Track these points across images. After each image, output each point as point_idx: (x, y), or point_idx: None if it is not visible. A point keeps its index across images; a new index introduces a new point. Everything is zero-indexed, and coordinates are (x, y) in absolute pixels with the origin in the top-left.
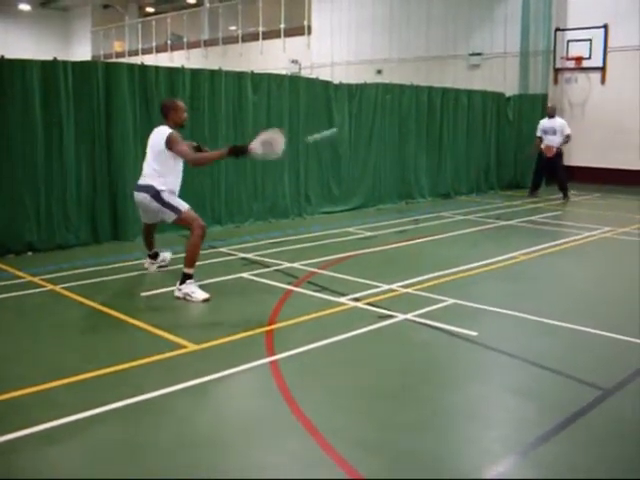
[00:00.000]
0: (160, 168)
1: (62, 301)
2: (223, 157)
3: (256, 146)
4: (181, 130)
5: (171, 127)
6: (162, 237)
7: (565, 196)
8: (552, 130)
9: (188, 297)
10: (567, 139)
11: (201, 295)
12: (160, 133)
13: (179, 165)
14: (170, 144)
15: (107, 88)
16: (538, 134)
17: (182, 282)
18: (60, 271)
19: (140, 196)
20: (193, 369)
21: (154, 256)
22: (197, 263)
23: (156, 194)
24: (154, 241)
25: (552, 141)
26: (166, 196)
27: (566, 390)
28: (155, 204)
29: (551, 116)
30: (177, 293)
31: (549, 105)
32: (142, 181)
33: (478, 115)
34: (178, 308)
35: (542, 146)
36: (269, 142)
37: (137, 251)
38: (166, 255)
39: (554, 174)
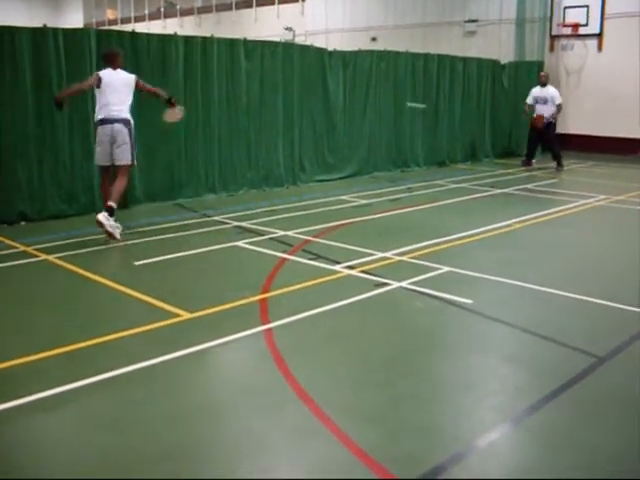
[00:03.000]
0: (129, 104)
1: (56, 271)
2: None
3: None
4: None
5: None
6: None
7: (559, 164)
8: (543, 99)
9: (111, 229)
10: (559, 108)
11: (117, 232)
12: (126, 74)
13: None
14: (141, 83)
15: (98, 56)
16: (529, 102)
17: (111, 214)
18: (54, 241)
19: (119, 128)
20: (187, 338)
21: (111, 211)
22: (189, 232)
23: (131, 128)
24: (110, 189)
25: (543, 110)
26: (133, 134)
27: (561, 358)
28: (128, 138)
29: (543, 84)
30: (104, 220)
31: (542, 73)
32: (119, 114)
33: (473, 82)
34: (172, 277)
35: (534, 116)
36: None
37: (132, 219)
38: (119, 225)
39: (546, 143)
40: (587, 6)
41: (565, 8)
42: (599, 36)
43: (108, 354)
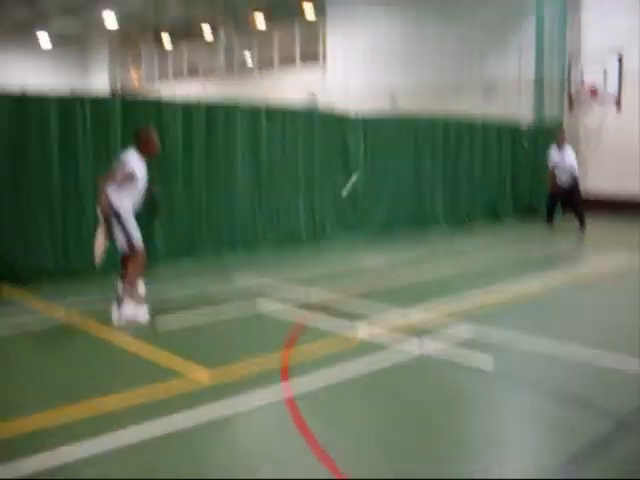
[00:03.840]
0: (122, 191)
1: (77, 328)
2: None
3: None
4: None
5: (143, 155)
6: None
7: (582, 225)
8: (563, 164)
9: (133, 319)
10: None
11: (143, 314)
12: (128, 155)
13: (138, 193)
14: (122, 173)
15: (123, 122)
16: (550, 165)
17: (120, 305)
18: (74, 297)
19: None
20: (208, 403)
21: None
22: (210, 291)
23: (117, 215)
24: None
25: (563, 173)
26: (126, 220)
27: (585, 421)
28: (116, 223)
29: (560, 144)
30: (116, 316)
31: (558, 135)
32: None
33: (493, 143)
34: (192, 340)
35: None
36: None
37: (154, 278)
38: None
39: (571, 202)
40: (605, 67)
41: (583, 69)
42: (617, 96)
43: (129, 417)
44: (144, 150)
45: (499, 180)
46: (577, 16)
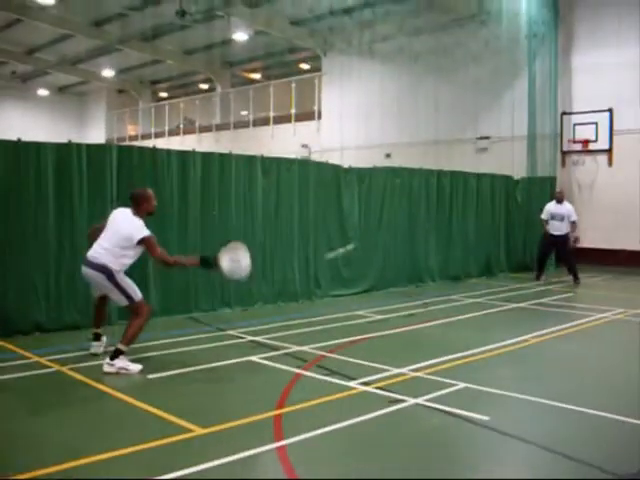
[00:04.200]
0: (120, 252)
1: (69, 382)
2: (193, 265)
3: (224, 261)
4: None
5: (141, 216)
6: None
7: (576, 279)
8: (560, 216)
9: (123, 371)
10: (574, 226)
11: (136, 367)
12: (133, 225)
13: (138, 254)
14: (148, 247)
15: (119, 170)
16: (544, 217)
17: (114, 357)
18: (68, 352)
19: (92, 273)
20: (200, 454)
21: (98, 337)
22: (204, 346)
23: (111, 275)
24: (105, 315)
25: (559, 227)
26: (120, 278)
27: (577, 476)
28: (107, 284)
29: (559, 201)
30: (108, 368)
31: (557, 190)
32: (95, 258)
33: (487, 198)
34: (185, 391)
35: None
36: (236, 260)
37: (147, 332)
38: (104, 338)
39: (563, 257)
40: (596, 123)
41: (575, 125)
42: (609, 151)
43: (120, 469)
44: (141, 210)
45: (493, 235)
46: (568, 73)
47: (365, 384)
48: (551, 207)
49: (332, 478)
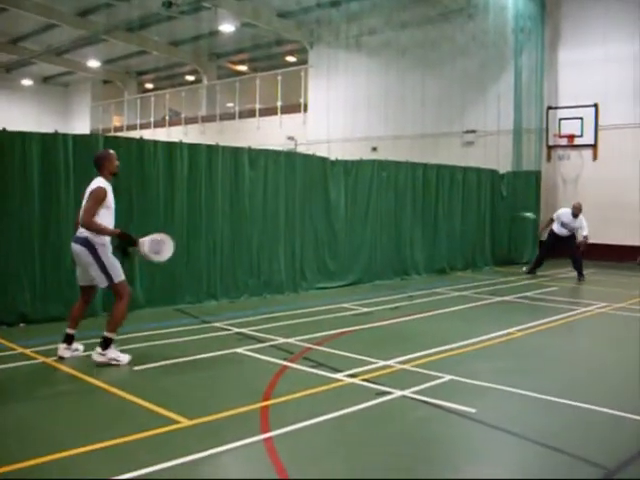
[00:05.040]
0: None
1: (54, 374)
2: (112, 235)
3: (144, 242)
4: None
5: (106, 178)
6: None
7: (580, 275)
8: (571, 229)
9: (114, 362)
10: (586, 239)
11: (126, 358)
12: (92, 184)
13: (110, 217)
14: (90, 195)
15: None
16: (554, 217)
17: (105, 347)
18: (53, 343)
19: (77, 248)
20: (187, 445)
21: (70, 340)
22: (190, 338)
23: (92, 248)
24: (81, 317)
25: (566, 234)
26: (103, 252)
27: (568, 470)
28: (89, 259)
29: (575, 215)
30: (99, 358)
31: (575, 204)
32: (79, 233)
33: (472, 192)
34: (172, 383)
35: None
36: (158, 243)
37: (132, 324)
38: (79, 346)
39: (570, 252)
40: (581, 118)
41: (560, 120)
42: (594, 146)
43: (107, 461)
44: (103, 171)
45: (478, 229)
46: (555, 67)
47: (352, 376)
48: (565, 217)
49: (320, 470)
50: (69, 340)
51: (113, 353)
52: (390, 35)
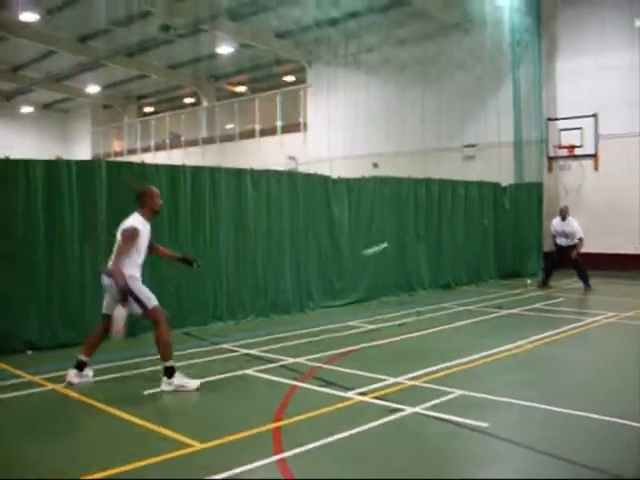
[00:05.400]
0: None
1: (64, 401)
2: (119, 283)
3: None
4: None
5: (146, 215)
6: None
7: (587, 285)
8: (564, 234)
9: (181, 389)
10: (580, 242)
11: (194, 384)
12: (127, 221)
13: (139, 258)
14: (122, 236)
15: (109, 186)
16: (552, 232)
17: (170, 375)
18: (61, 370)
19: (106, 281)
20: (200, 469)
21: (82, 366)
22: (199, 360)
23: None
24: (98, 345)
25: (565, 242)
26: (132, 284)
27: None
28: (122, 294)
29: (563, 217)
30: (167, 387)
31: (561, 207)
32: (109, 265)
33: (475, 205)
34: (182, 406)
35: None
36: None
37: (140, 348)
38: (90, 372)
39: (572, 264)
40: (581, 128)
41: (560, 130)
42: (594, 156)
43: None
44: (145, 208)
45: (482, 242)
46: (552, 79)
47: (362, 394)
48: (556, 224)
49: None
50: (81, 367)
51: (179, 380)
52: (388, 52)
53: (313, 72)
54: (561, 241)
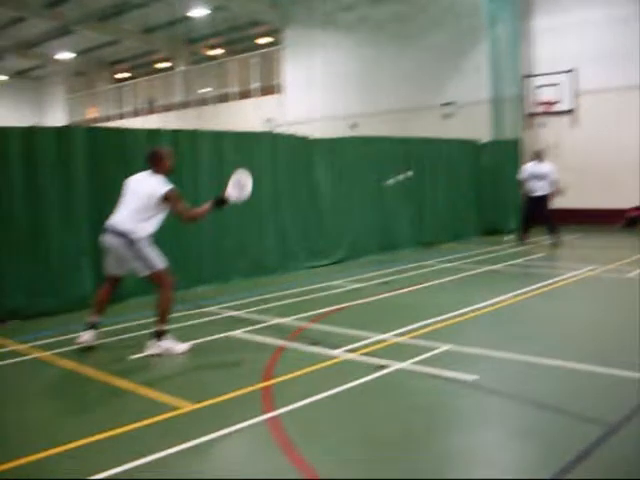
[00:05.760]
0: (144, 216)
1: (50, 368)
2: (210, 211)
3: (231, 192)
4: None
5: (163, 175)
6: None
7: (556, 239)
8: (541, 175)
9: (169, 352)
10: (555, 184)
11: (182, 347)
12: (154, 183)
13: (162, 215)
14: (171, 200)
15: (89, 152)
16: (523, 177)
17: (159, 338)
18: (45, 338)
19: (113, 240)
20: (191, 429)
21: (95, 325)
22: (184, 323)
23: (132, 241)
24: (108, 302)
25: (540, 187)
26: (143, 245)
27: (571, 429)
28: (128, 252)
29: (540, 160)
30: (154, 350)
31: (537, 149)
32: (118, 225)
33: (454, 163)
34: (170, 370)
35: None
36: (240, 183)
37: (124, 314)
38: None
39: (542, 218)
40: (558, 84)
41: (537, 87)
42: (572, 112)
43: (111, 450)
44: (161, 168)
45: (462, 200)
46: (530, 35)
47: (350, 351)
48: (530, 167)
49: (329, 442)
50: (95, 327)
51: (168, 343)
52: (365, 10)
53: (289, 33)
54: (534, 186)
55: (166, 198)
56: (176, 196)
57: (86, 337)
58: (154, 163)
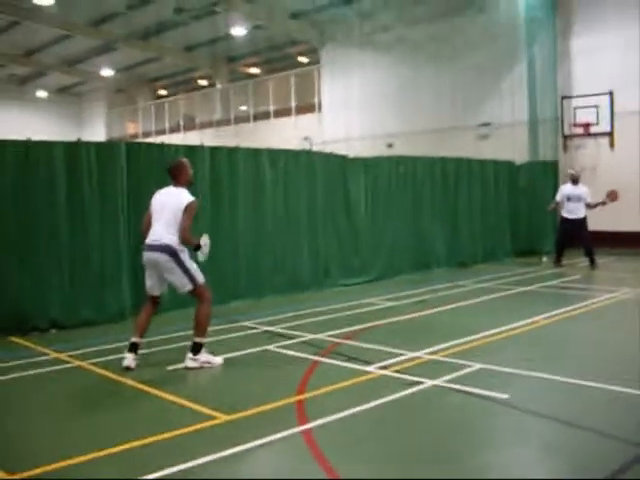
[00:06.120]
0: (176, 228)
1: (90, 377)
2: (193, 245)
3: (203, 244)
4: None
5: (183, 186)
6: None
7: (592, 262)
8: (576, 197)
9: (207, 365)
10: (588, 206)
11: (218, 360)
12: (179, 195)
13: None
14: (187, 212)
15: (128, 167)
16: (558, 199)
17: (196, 352)
18: (85, 347)
19: (155, 255)
20: (226, 439)
21: (136, 348)
22: (220, 337)
23: (175, 254)
24: (148, 325)
25: (575, 210)
26: (185, 258)
27: (603, 449)
28: (172, 265)
29: (575, 182)
30: (191, 363)
31: (572, 172)
32: (157, 240)
33: (490, 184)
34: (206, 381)
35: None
36: (206, 245)
37: (161, 326)
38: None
39: (580, 241)
40: (596, 106)
41: (575, 108)
42: (610, 134)
43: (150, 456)
44: (182, 181)
45: (498, 221)
46: (568, 56)
47: (382, 368)
48: (567, 189)
49: (360, 454)
50: (136, 349)
51: (205, 357)
52: (402, 31)
53: (327, 52)
54: (570, 210)
55: (185, 209)
56: (193, 209)
57: (128, 362)
58: (176, 174)
